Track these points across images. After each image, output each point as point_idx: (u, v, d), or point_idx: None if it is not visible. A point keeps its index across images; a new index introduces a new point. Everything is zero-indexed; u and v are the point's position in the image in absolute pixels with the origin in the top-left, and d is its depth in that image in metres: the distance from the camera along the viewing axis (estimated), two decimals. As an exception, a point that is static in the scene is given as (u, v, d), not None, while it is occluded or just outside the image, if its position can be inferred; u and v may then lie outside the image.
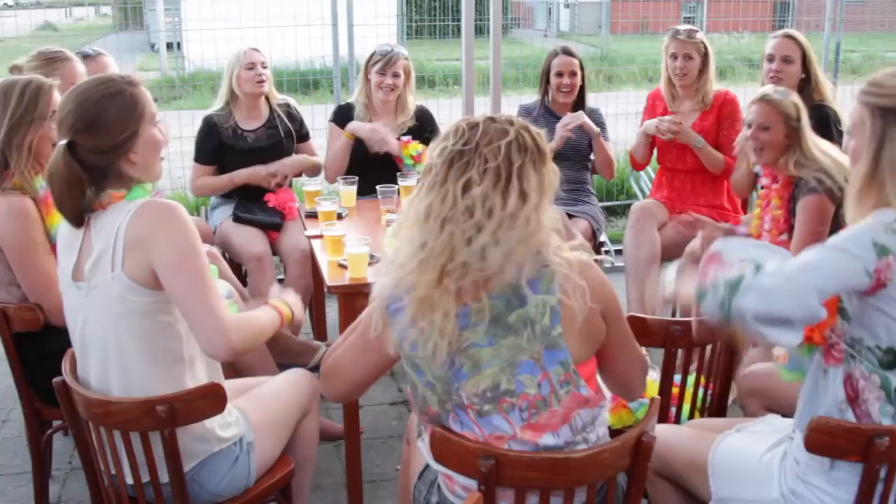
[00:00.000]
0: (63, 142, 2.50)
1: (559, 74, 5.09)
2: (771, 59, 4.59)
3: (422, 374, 2.26)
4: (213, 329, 2.49)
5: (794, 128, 3.84)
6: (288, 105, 5.02)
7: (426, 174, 2.25)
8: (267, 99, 4.90)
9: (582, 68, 5.14)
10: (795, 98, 3.91)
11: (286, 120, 4.92)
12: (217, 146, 4.77)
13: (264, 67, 4.79)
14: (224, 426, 2.70)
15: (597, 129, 4.96)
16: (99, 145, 2.52)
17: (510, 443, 2.24)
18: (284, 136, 4.89)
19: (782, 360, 2.53)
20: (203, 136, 4.81)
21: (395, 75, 4.82)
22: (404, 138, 4.81)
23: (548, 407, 2.23)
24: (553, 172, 2.26)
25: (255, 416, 2.82)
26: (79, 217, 2.55)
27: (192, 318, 2.50)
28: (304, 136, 5.02)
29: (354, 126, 4.83)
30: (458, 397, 2.24)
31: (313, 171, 5.05)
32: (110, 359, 2.56)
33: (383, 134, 4.77)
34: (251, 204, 4.75)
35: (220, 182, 4.81)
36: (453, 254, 2.15)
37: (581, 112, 4.97)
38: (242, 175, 4.75)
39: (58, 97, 3.25)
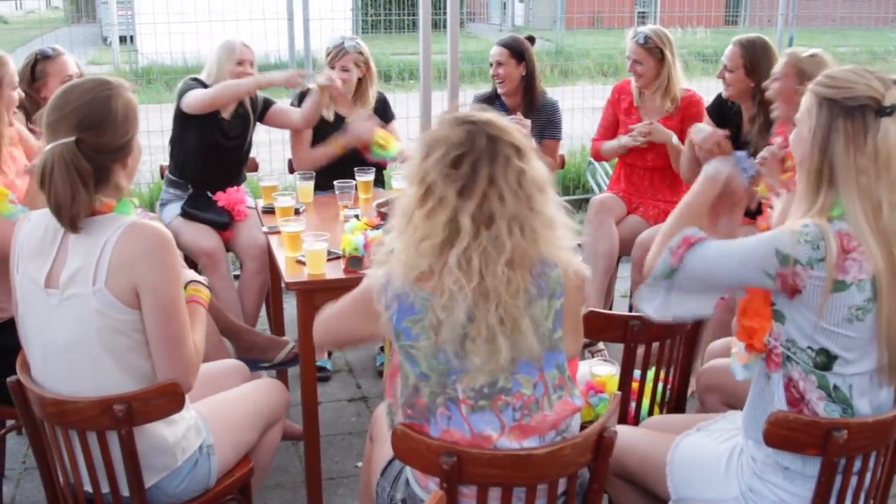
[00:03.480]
0: (70, 139, 2.40)
1: (491, 65, 5.10)
2: (725, 66, 4.56)
3: (416, 364, 2.25)
4: (177, 370, 2.52)
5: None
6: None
7: (443, 177, 2.19)
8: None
9: (522, 57, 5.03)
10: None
11: (250, 104, 4.84)
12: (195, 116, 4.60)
13: (252, 66, 4.72)
14: (185, 439, 2.66)
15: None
16: (105, 145, 2.46)
17: (496, 444, 2.24)
18: (251, 110, 4.83)
19: (741, 360, 2.54)
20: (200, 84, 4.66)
21: (345, 69, 4.79)
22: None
23: (539, 410, 2.25)
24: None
25: (217, 418, 2.80)
26: (76, 225, 2.44)
27: (160, 355, 2.51)
28: (268, 103, 4.94)
29: (347, 140, 4.78)
30: (452, 391, 2.24)
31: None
32: (80, 369, 2.50)
33: (367, 122, 4.76)
34: (200, 201, 4.68)
35: (246, 83, 4.60)
36: (483, 245, 2.16)
37: (528, 122, 4.83)
38: (275, 77, 4.73)
39: (14, 69, 3.20)
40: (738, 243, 2.35)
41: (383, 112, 5.02)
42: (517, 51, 5.05)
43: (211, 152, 4.67)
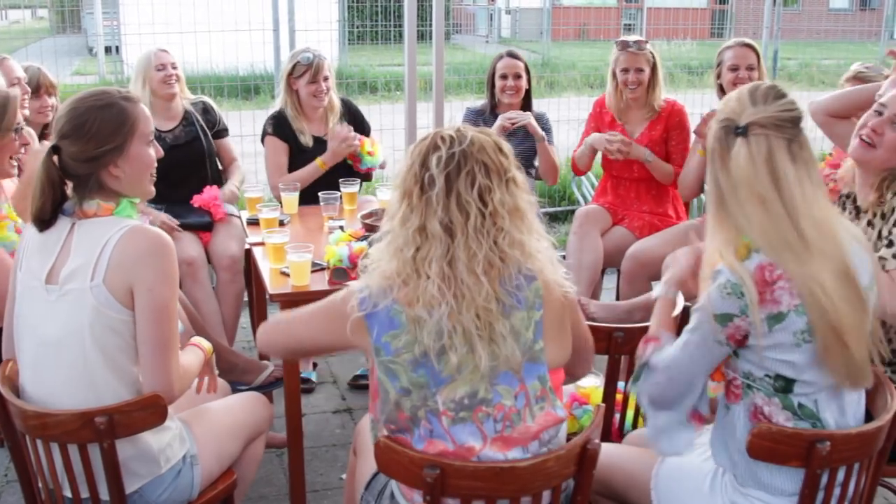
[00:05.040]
0: (50, 145, 2.54)
1: (503, 77, 5.07)
2: (735, 68, 4.62)
3: (396, 379, 2.25)
4: (161, 382, 2.54)
5: None
6: (204, 103, 4.99)
7: (420, 187, 2.24)
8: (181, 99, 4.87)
9: (528, 72, 5.12)
10: None
11: (201, 118, 4.87)
12: None
13: (174, 68, 4.76)
14: (169, 448, 2.66)
15: (542, 133, 4.95)
16: (79, 153, 2.53)
17: (479, 454, 2.23)
18: (202, 133, 4.85)
19: (712, 390, 2.56)
20: None
21: (326, 79, 4.79)
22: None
23: (521, 421, 2.26)
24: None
25: (201, 429, 2.80)
26: (44, 221, 2.55)
27: (146, 359, 2.53)
28: (221, 132, 4.97)
29: (332, 156, 4.75)
30: (433, 403, 2.23)
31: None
32: (70, 366, 2.51)
33: (353, 140, 4.74)
34: (178, 208, 4.68)
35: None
36: (473, 259, 2.19)
37: (529, 113, 4.96)
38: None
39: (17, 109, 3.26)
40: (683, 339, 2.39)
41: (354, 120, 4.97)
42: (525, 64, 5.14)
43: (162, 165, 4.65)
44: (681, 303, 2.71)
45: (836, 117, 3.47)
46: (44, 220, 2.55)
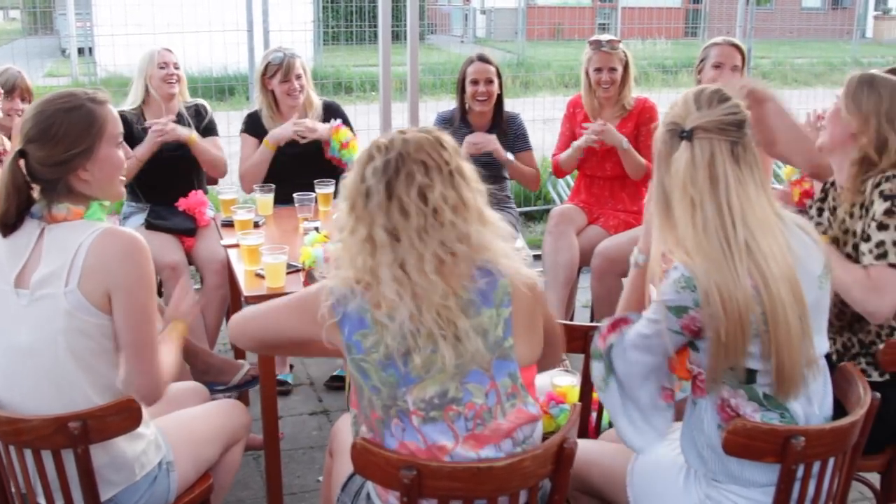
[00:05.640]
0: (16, 150, 2.50)
1: (475, 82, 4.98)
2: (719, 66, 4.62)
3: (367, 377, 2.25)
4: (146, 382, 2.54)
5: None
6: (198, 106, 4.97)
7: (362, 198, 2.25)
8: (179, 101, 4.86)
9: (499, 76, 5.04)
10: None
11: (194, 119, 4.87)
12: (126, 140, 4.63)
13: (176, 68, 4.76)
14: (145, 454, 2.64)
15: (508, 158, 4.93)
16: (46, 158, 2.48)
17: (452, 453, 2.23)
18: (196, 120, 4.86)
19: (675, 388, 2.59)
20: None
21: (298, 77, 4.78)
22: (335, 122, 4.75)
23: (493, 419, 2.25)
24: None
25: (177, 435, 2.78)
26: (8, 226, 2.51)
27: (130, 361, 2.52)
28: (207, 130, 4.93)
29: (276, 133, 4.74)
30: (403, 403, 2.23)
31: (210, 163, 4.89)
32: (44, 372, 2.48)
33: (306, 123, 4.72)
34: (163, 210, 4.67)
35: (129, 165, 4.63)
36: (421, 260, 2.19)
37: (493, 137, 4.90)
38: (143, 149, 4.61)
39: None
40: (640, 321, 2.43)
41: (332, 119, 4.92)
42: (496, 68, 5.05)
43: (155, 163, 4.65)
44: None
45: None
46: (8, 225, 2.51)
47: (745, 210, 2.32)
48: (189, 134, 4.72)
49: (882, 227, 2.83)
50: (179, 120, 4.81)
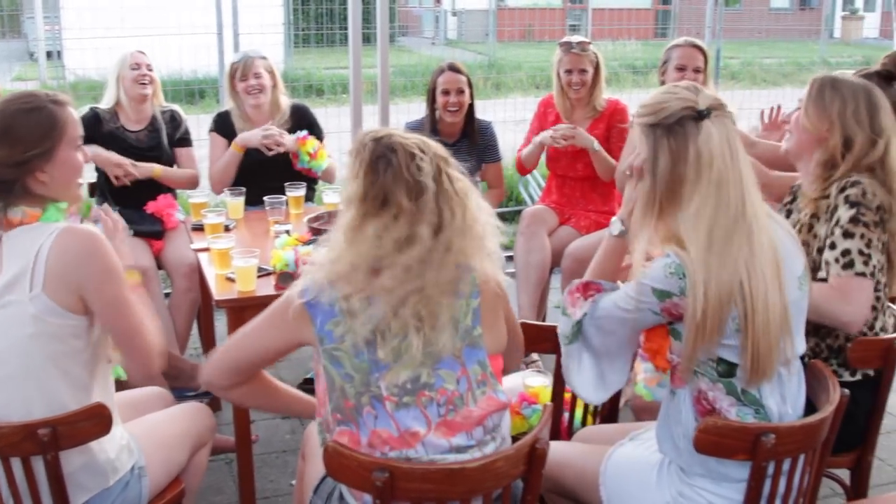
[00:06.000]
0: None
1: (446, 93, 4.93)
2: (682, 68, 4.63)
3: (340, 366, 2.26)
4: (143, 357, 2.58)
5: None
6: (173, 112, 4.95)
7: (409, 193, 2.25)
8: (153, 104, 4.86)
9: (470, 85, 5.01)
10: None
11: (168, 125, 4.86)
12: (95, 137, 4.62)
13: (149, 70, 4.75)
14: (118, 459, 2.62)
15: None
16: (5, 158, 2.46)
17: (424, 440, 2.25)
18: (166, 140, 4.84)
19: (649, 382, 2.60)
20: (84, 124, 4.67)
21: (257, 76, 4.76)
22: (301, 134, 4.73)
23: (465, 405, 2.28)
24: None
25: (147, 440, 2.76)
26: None
27: (127, 345, 2.56)
28: (182, 141, 4.93)
29: (244, 137, 4.74)
30: (376, 388, 2.25)
31: (182, 186, 4.94)
32: (13, 378, 2.46)
33: (275, 133, 4.70)
34: (131, 214, 4.64)
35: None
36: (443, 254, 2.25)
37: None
38: (97, 153, 4.59)
39: None
40: (620, 294, 2.45)
41: (306, 125, 4.91)
42: (468, 77, 5.02)
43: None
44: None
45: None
46: None
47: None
48: (151, 170, 4.71)
49: (847, 234, 2.85)
50: (154, 125, 4.79)
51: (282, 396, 2.72)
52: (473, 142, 5.03)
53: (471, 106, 5.04)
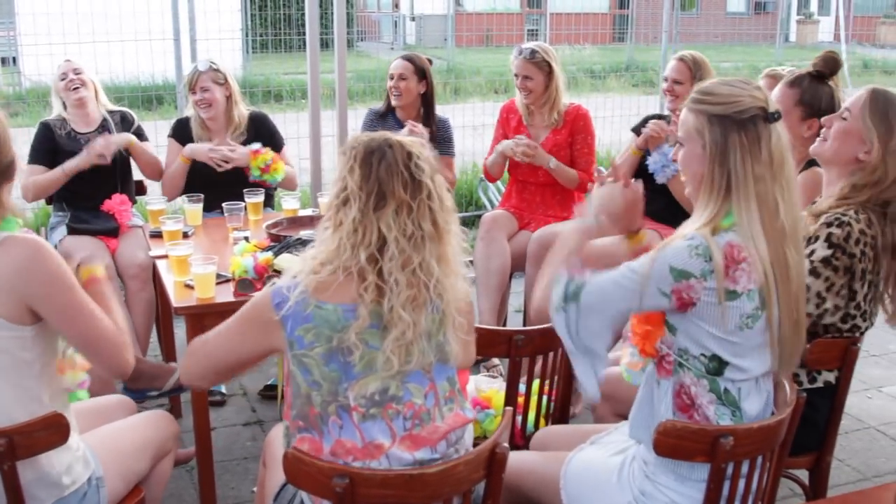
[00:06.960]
0: None
1: (391, 77, 5.09)
2: (666, 79, 4.79)
3: (308, 373, 2.25)
4: (111, 359, 2.54)
5: None
6: (123, 113, 4.98)
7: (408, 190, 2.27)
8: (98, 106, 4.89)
9: (424, 75, 5.09)
10: None
11: (120, 126, 4.87)
12: (52, 149, 4.70)
13: (76, 73, 4.76)
14: (72, 470, 2.59)
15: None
16: None
17: (388, 452, 2.25)
18: (121, 127, 4.88)
19: (632, 366, 2.59)
20: (39, 139, 4.75)
21: (204, 89, 4.75)
22: (254, 146, 4.71)
23: (431, 421, 2.28)
24: None
25: (105, 450, 2.73)
26: None
27: (91, 350, 2.53)
28: (138, 136, 4.91)
29: (192, 149, 4.74)
30: (344, 398, 2.24)
31: (148, 162, 4.92)
32: None
33: (223, 153, 4.68)
34: (84, 214, 4.65)
35: (53, 176, 4.67)
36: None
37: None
38: (73, 163, 4.61)
39: None
40: (626, 269, 2.39)
41: (264, 134, 4.91)
42: (420, 67, 5.09)
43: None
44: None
45: None
46: None
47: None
48: (128, 139, 4.75)
49: (814, 272, 2.88)
50: (104, 126, 4.82)
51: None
52: (430, 133, 5.04)
53: (427, 96, 5.13)
